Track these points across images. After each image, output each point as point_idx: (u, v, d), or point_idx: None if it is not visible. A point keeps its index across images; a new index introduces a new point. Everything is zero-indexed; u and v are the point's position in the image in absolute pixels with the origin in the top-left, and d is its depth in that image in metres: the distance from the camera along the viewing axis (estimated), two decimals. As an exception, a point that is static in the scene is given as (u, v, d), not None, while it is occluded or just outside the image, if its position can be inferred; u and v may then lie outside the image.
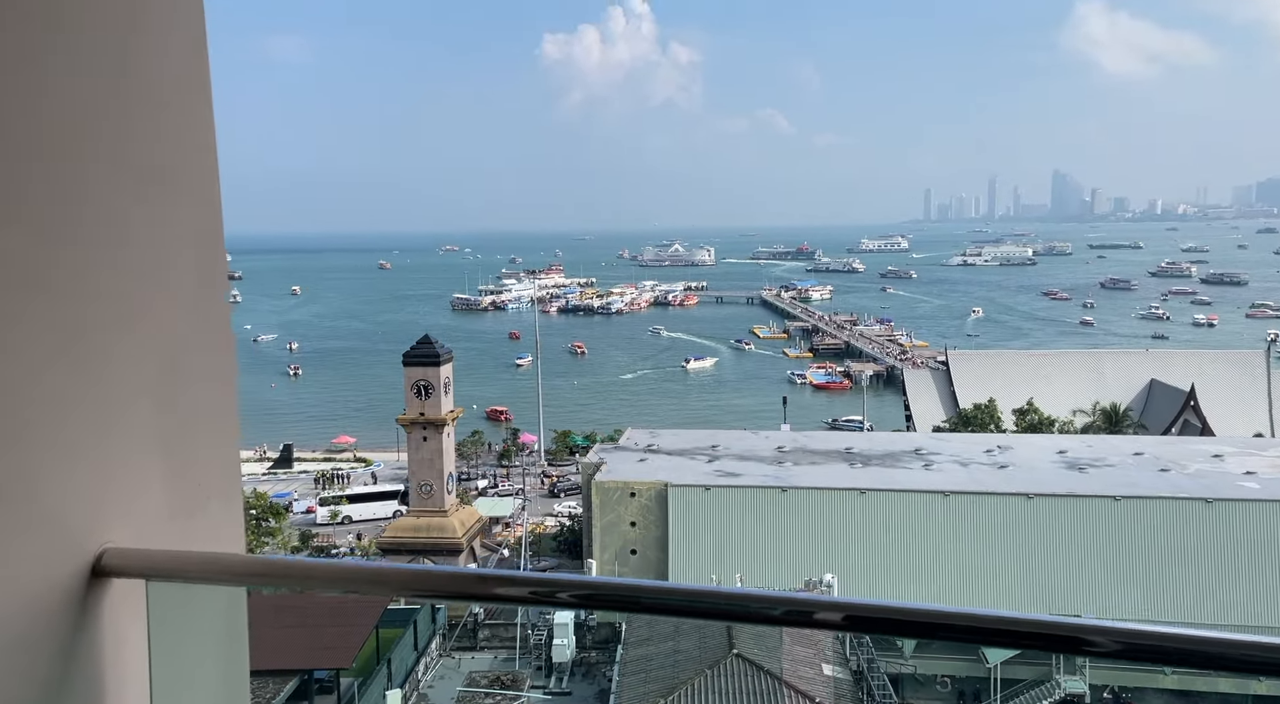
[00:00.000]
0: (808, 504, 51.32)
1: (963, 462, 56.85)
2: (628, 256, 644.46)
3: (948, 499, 49.67)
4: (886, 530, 49.93)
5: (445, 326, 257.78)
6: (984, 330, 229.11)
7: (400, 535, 57.79)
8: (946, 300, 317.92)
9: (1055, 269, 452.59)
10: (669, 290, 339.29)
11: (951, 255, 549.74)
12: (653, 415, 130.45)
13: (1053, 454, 58.35)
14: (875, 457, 58.71)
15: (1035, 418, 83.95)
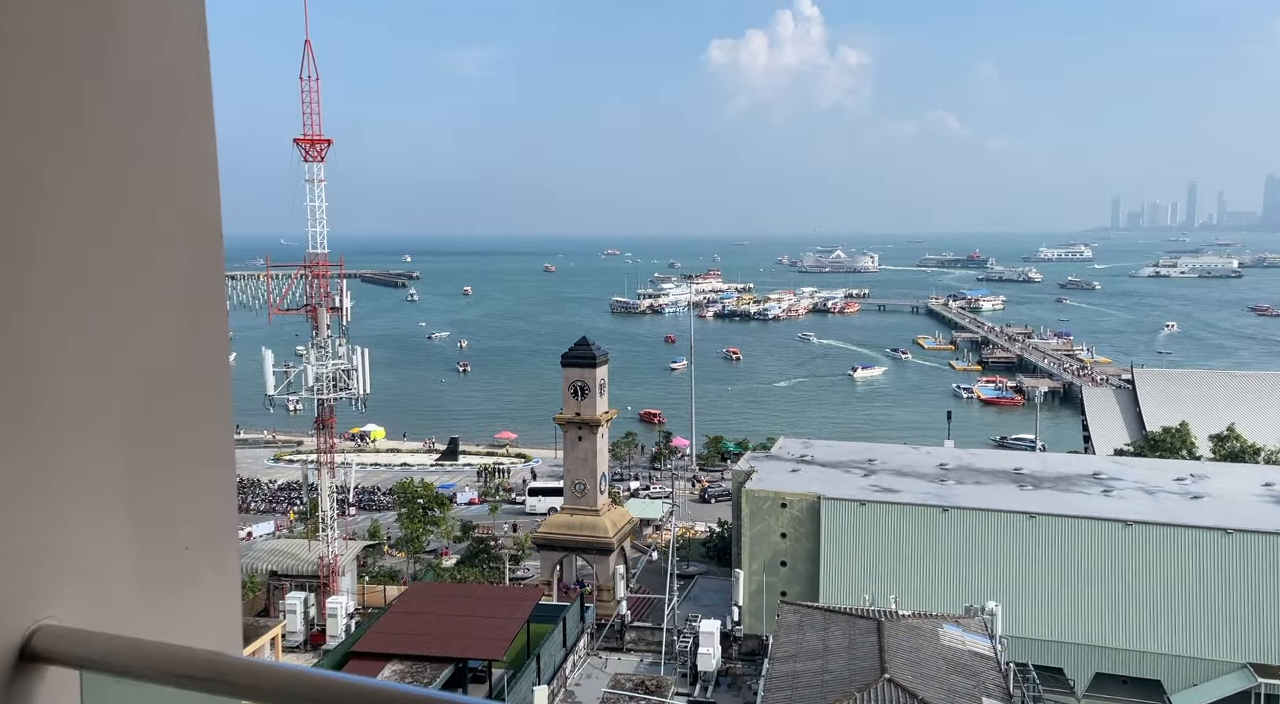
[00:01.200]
0: (971, 526, 48.62)
1: (1149, 489, 52.23)
2: (787, 262, 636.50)
3: (1130, 529, 45.73)
4: (1058, 559, 46.55)
5: (603, 329, 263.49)
6: (1178, 347, 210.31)
7: (554, 532, 59.26)
8: (1134, 314, 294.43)
9: (1266, 282, 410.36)
10: (829, 297, 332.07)
11: (1141, 266, 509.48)
12: (807, 424, 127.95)
13: (1258, 486, 52.60)
14: (1048, 479, 54.93)
15: (1237, 445, 76.07)
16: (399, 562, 69.17)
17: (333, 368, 43.68)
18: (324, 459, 43.88)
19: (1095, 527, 46.56)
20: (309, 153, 41.85)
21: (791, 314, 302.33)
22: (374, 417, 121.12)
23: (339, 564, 45.98)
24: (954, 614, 34.99)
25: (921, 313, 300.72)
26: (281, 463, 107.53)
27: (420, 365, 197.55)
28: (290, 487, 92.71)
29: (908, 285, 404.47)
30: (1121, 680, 44.91)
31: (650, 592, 58.51)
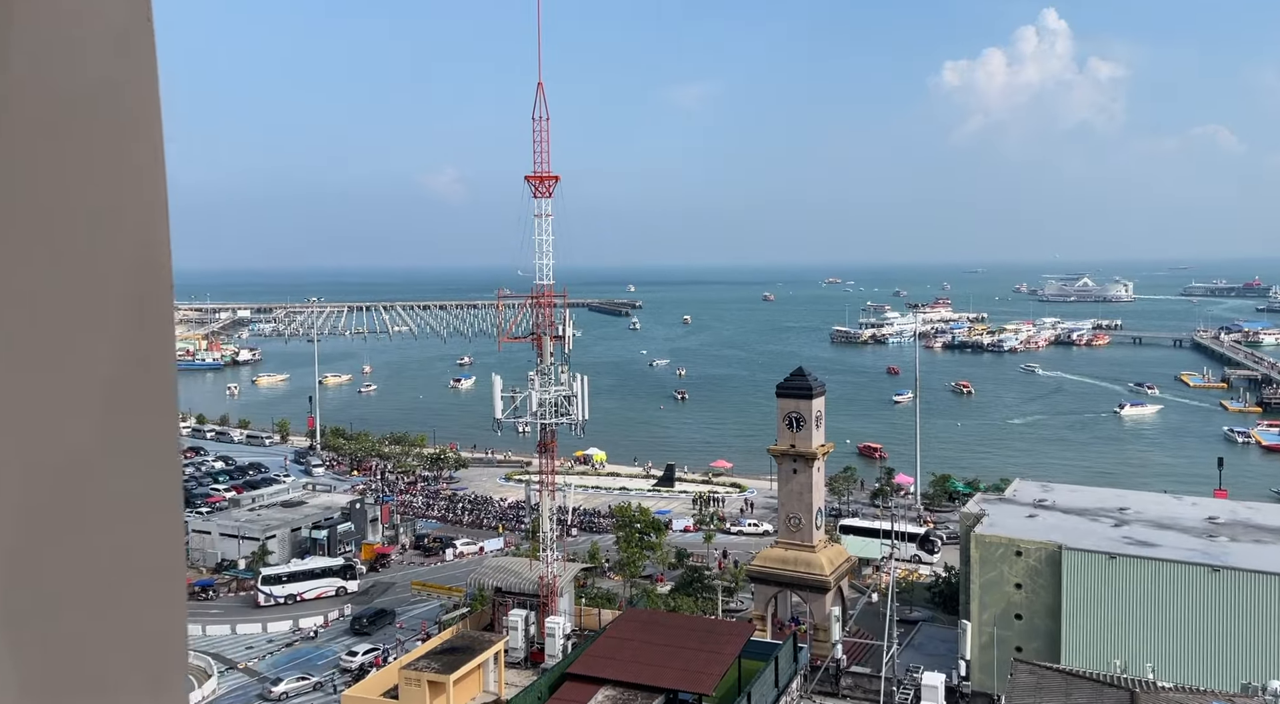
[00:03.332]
0: (1249, 590, 42.31)
1: None
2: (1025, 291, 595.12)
3: None
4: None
5: (823, 359, 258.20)
6: None
7: (768, 566, 58.19)
8: None
9: None
10: (1074, 328, 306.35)
11: None
12: (1047, 466, 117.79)
13: None
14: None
15: None
16: (616, 585, 70.70)
17: (555, 394, 45.63)
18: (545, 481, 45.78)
19: None
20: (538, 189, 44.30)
21: (1030, 346, 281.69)
22: (595, 441, 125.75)
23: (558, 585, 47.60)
24: (1228, 692, 30.44)
25: (1186, 346, 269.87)
26: (511, 482, 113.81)
27: (641, 392, 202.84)
28: (518, 505, 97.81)
29: (1169, 316, 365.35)
30: None
31: (868, 636, 55.87)
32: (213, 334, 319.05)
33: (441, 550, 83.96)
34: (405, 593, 71.96)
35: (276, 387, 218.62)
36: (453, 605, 61.92)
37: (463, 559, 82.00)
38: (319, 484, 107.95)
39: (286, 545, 79.22)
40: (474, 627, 50.77)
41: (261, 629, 64.00)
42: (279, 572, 71.35)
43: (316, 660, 58.16)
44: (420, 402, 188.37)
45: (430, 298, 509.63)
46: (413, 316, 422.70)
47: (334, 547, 78.89)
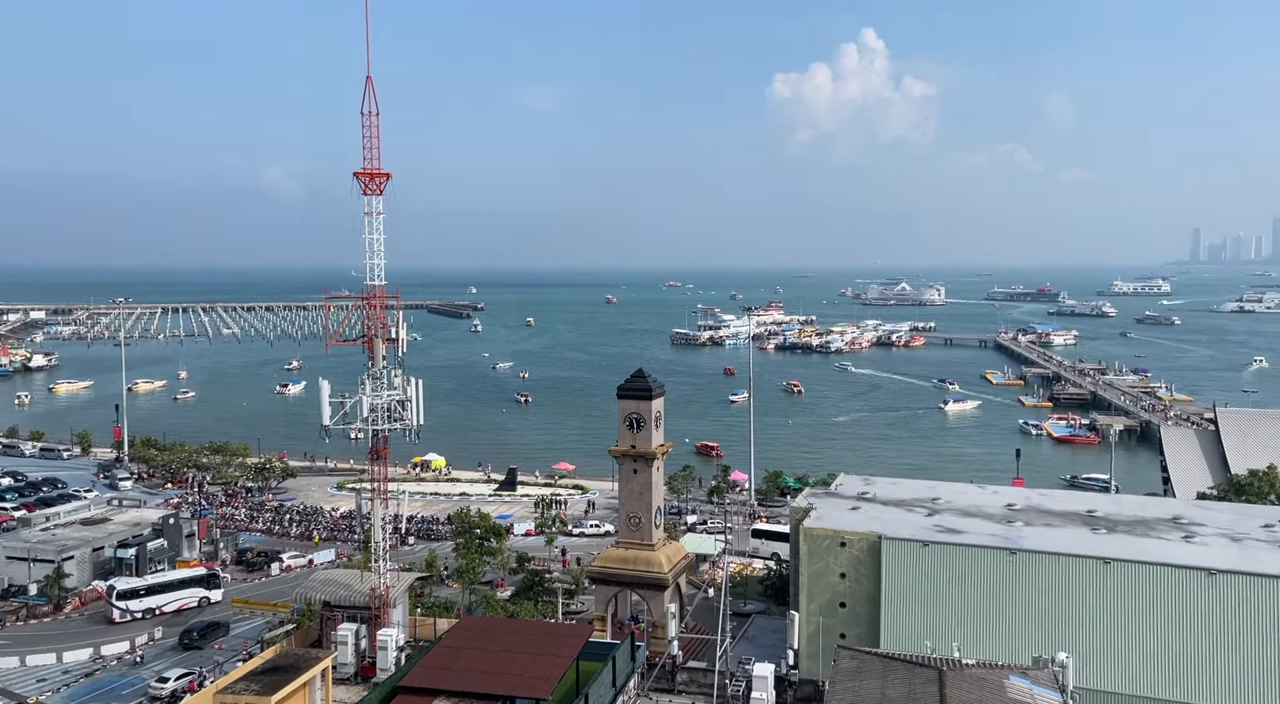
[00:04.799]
0: (1041, 570, 46.41)
1: (1234, 536, 49.26)
2: (850, 295, 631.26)
3: (1214, 578, 43.08)
4: (1135, 608, 44.06)
5: (663, 360, 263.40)
6: (1266, 386, 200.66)
7: (608, 566, 58.54)
8: (1217, 351, 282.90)
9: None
10: (893, 330, 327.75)
11: (1225, 301, 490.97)
12: (870, 460, 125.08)
13: (1354, 536, 49.34)
14: (1123, 522, 52.31)
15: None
16: (454, 593, 69.16)
17: (388, 399, 44.07)
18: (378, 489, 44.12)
19: (1176, 575, 44.01)
20: (368, 186, 42.64)
21: (855, 347, 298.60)
22: (434, 446, 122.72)
23: (391, 596, 45.98)
24: (1021, 665, 33.22)
25: (990, 347, 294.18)
26: (344, 491, 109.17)
27: (483, 395, 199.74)
28: (350, 515, 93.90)
29: (975, 319, 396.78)
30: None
31: (704, 631, 57.30)
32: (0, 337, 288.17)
33: (266, 565, 79.47)
34: (227, 611, 67.63)
35: (77, 394, 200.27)
36: (278, 622, 58.65)
37: (290, 573, 77.97)
38: (126, 499, 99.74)
39: (87, 567, 72.86)
40: (300, 643, 48.25)
41: (56, 659, 58.24)
42: (135, 585, 67.29)
43: (121, 690, 53.51)
44: (244, 409, 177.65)
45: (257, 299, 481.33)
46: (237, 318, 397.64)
47: (143, 566, 73.16)
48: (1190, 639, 42.97)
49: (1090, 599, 44.81)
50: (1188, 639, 43.00)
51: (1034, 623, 45.29)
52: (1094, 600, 44.74)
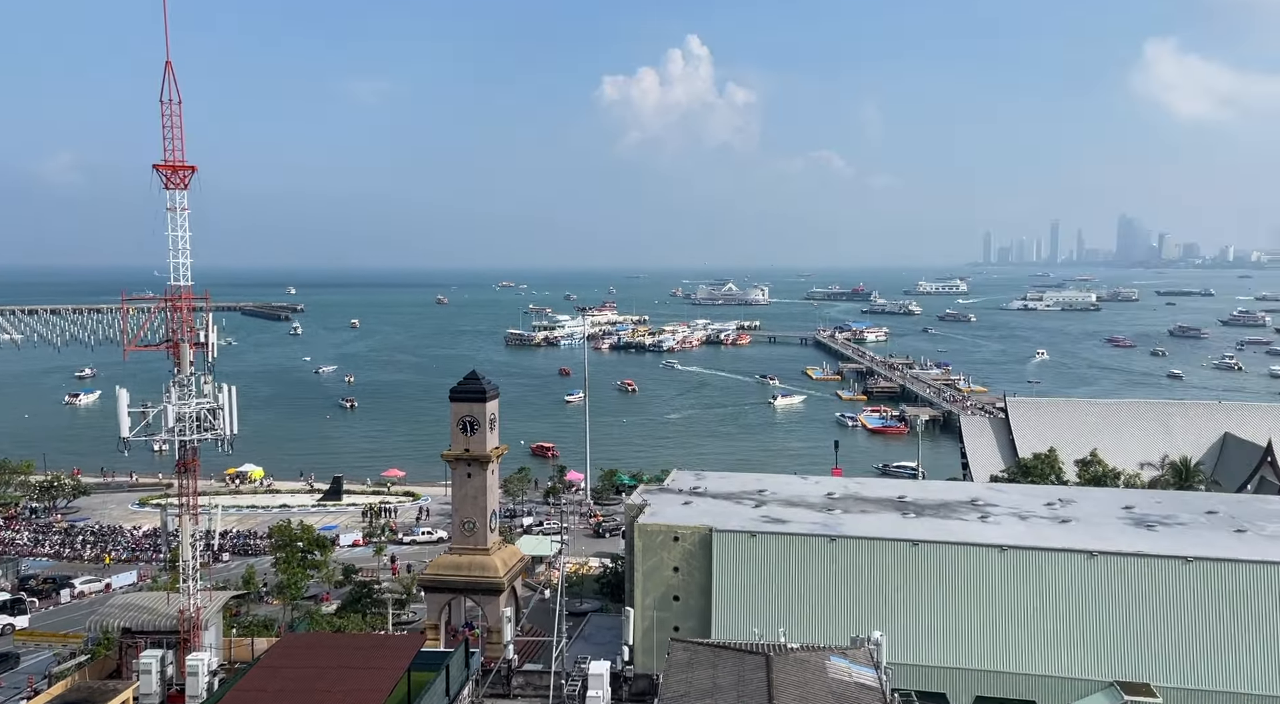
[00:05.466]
0: (857, 555, 49.35)
1: (1021, 514, 54.32)
2: (681, 295, 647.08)
3: (1005, 554, 47.31)
4: (940, 585, 47.66)
5: (497, 362, 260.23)
6: (1046, 377, 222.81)
7: (441, 573, 57.14)
8: (1006, 345, 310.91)
9: (1121, 315, 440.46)
10: (721, 329, 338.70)
11: (1012, 299, 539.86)
12: (701, 456, 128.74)
13: (1118, 509, 55.46)
14: (930, 506, 56.50)
15: (1099, 470, 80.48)
16: (275, 610, 65.43)
17: (196, 407, 40.98)
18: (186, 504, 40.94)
19: (973, 552, 47.96)
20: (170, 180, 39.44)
21: (686, 346, 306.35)
22: (252, 456, 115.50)
23: (202, 617, 42.82)
24: (841, 646, 35.19)
25: (810, 344, 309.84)
26: (148, 508, 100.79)
27: (305, 402, 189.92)
28: (155, 533, 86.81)
29: (797, 318, 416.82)
30: (999, 702, 46.12)
31: (540, 632, 57.06)
32: None
33: (55, 592, 72.15)
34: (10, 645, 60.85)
35: None
36: (69, 654, 53.27)
37: (84, 600, 71.18)
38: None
39: None
40: (96, 676, 44.02)
41: None
42: None
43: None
44: (26, 422, 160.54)
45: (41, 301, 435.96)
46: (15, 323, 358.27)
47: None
48: (986, 610, 46.89)
49: (902, 579, 48.02)
50: (986, 611, 46.90)
51: (853, 604, 48.02)
52: (905, 580, 47.98)
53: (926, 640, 46.93)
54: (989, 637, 46.55)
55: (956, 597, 47.30)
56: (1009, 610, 46.70)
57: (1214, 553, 46.07)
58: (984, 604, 46.97)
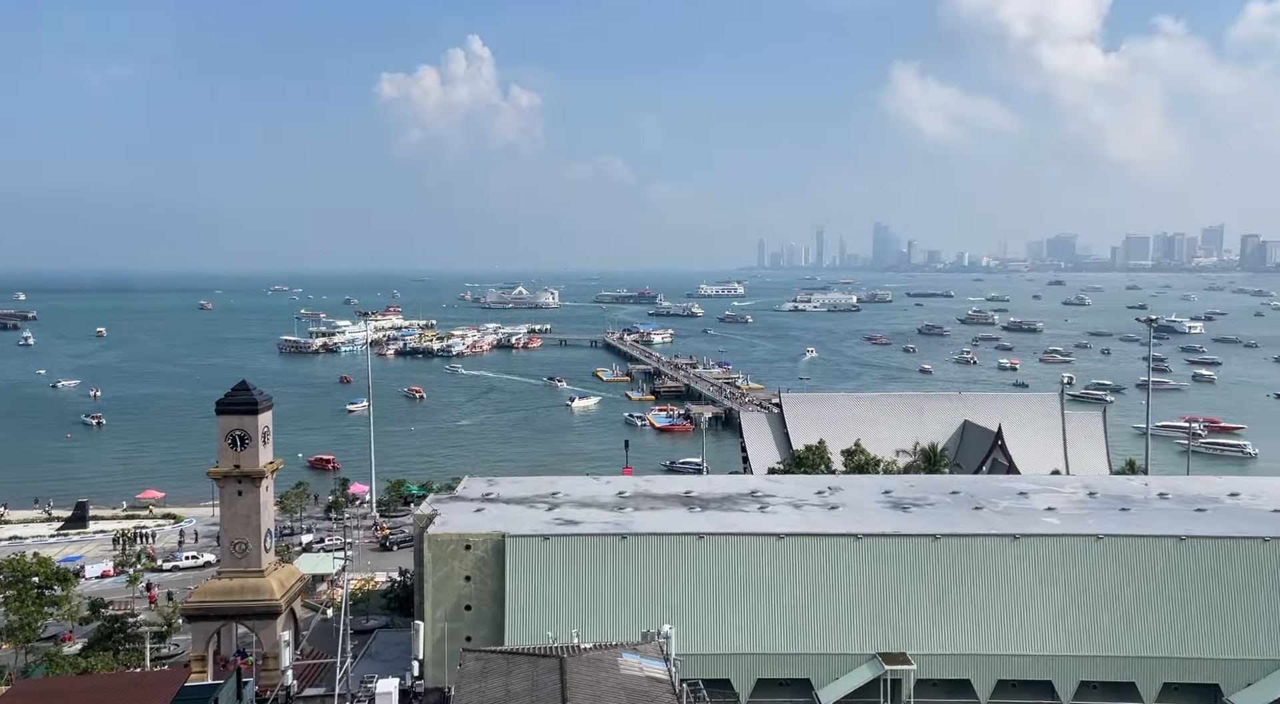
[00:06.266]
0: (648, 551, 50.63)
1: (796, 503, 58.04)
2: (470, 298, 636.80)
3: (782, 541, 50.33)
4: (724, 575, 49.88)
5: (271, 371, 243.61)
6: (815, 373, 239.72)
7: (209, 600, 52.68)
8: (780, 344, 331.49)
9: (878, 315, 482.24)
10: (512, 333, 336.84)
11: (784, 301, 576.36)
12: (494, 461, 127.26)
13: (879, 494, 60.62)
14: (714, 500, 59.02)
15: (862, 459, 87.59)
16: (6, 655, 57.62)
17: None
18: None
19: (754, 542, 50.66)
20: None
21: (476, 350, 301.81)
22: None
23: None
24: (633, 641, 35.94)
25: (600, 347, 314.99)
26: None
27: (41, 420, 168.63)
28: None
29: (587, 321, 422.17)
30: (779, 683, 49.00)
31: (322, 654, 54.01)
32: None
33: None
34: None
35: None
36: None
37: None
38: None
39: None
40: None
41: None
42: None
43: None
44: None
45: None
46: None
47: None
48: (766, 596, 49.61)
49: (690, 572, 49.80)
50: (766, 597, 49.59)
51: (645, 600, 49.19)
52: (693, 573, 49.79)
53: (713, 629, 48.96)
54: (769, 621, 49.25)
55: (740, 585, 49.70)
56: (787, 595, 49.67)
57: (957, 529, 51.45)
58: (764, 590, 49.66)
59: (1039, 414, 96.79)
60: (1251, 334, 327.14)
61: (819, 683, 48.11)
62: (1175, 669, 47.77)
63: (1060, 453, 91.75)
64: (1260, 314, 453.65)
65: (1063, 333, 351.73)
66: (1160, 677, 47.77)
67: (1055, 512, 55.24)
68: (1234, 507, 56.21)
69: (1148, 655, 47.85)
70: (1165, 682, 47.76)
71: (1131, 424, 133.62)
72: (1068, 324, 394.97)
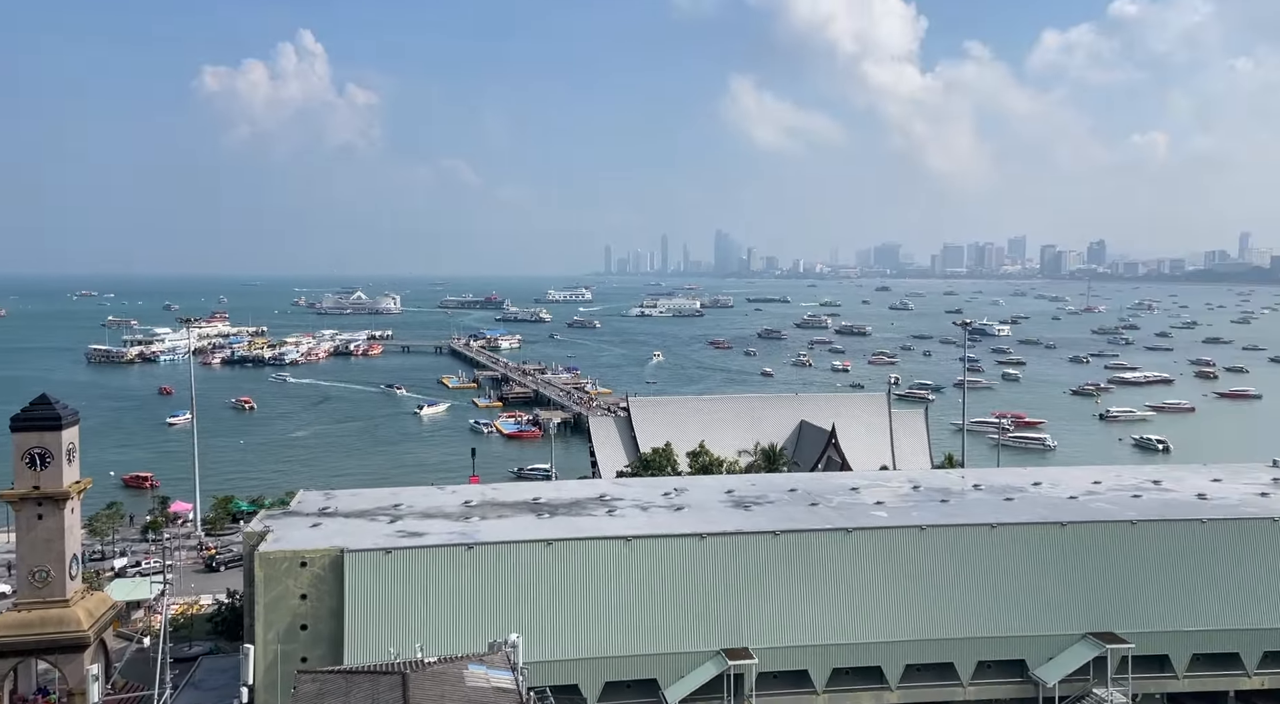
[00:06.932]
0: (495, 560, 49.84)
1: (643, 506, 58.78)
2: (305, 304, 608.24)
3: (630, 544, 50.80)
4: (573, 580, 49.76)
5: (79, 383, 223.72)
6: (662, 377, 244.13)
7: (4, 634, 47.73)
8: (628, 349, 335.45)
9: (720, 320, 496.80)
10: (351, 339, 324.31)
11: (631, 307, 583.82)
12: (333, 474, 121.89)
13: (722, 494, 62.32)
14: (563, 505, 58.88)
15: (707, 460, 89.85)
16: None
17: None
18: None
19: (601, 546, 50.88)
20: None
21: (312, 358, 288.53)
22: None
23: None
24: (479, 653, 35.27)
25: (445, 353, 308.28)
26: None
27: None
28: None
29: (431, 326, 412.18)
30: (626, 685, 49.41)
31: (139, 686, 50.04)
32: None
33: None
34: None
35: None
36: None
37: None
38: None
39: None
40: None
41: None
42: None
43: None
44: None
45: None
46: None
47: None
48: (616, 599, 49.91)
49: (539, 579, 49.42)
50: (615, 600, 49.88)
51: (493, 609, 48.39)
52: (542, 580, 49.44)
53: (562, 636, 48.80)
54: (616, 624, 49.58)
55: (588, 590, 49.78)
56: (635, 597, 50.16)
57: (795, 525, 53.63)
58: (612, 594, 49.96)
59: (868, 413, 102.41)
60: (1051, 336, 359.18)
61: (665, 682, 48.87)
62: (988, 648, 51.60)
63: (888, 449, 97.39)
64: (1057, 318, 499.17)
65: (889, 336, 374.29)
66: (975, 656, 51.48)
67: (884, 505, 58.55)
68: (1036, 495, 61.43)
69: (964, 637, 51.44)
70: (979, 660, 51.49)
71: (950, 421, 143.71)
72: (894, 328, 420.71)
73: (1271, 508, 57.06)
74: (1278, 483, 64.39)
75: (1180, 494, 60.71)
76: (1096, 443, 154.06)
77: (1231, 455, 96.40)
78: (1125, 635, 51.10)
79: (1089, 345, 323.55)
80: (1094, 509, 57.18)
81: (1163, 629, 52.16)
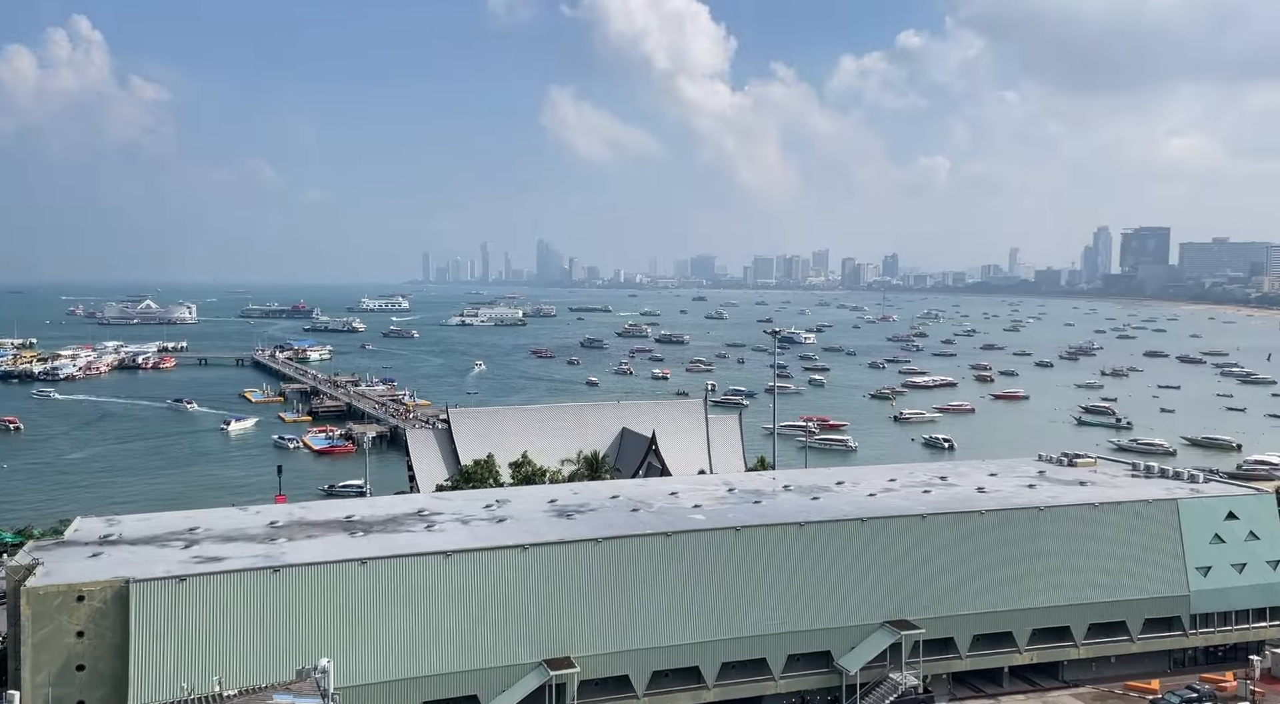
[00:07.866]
0: (304, 583, 47.13)
1: (464, 519, 57.53)
2: (83, 313, 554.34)
3: (449, 559, 49.55)
4: (390, 600, 47.88)
5: None
6: (484, 387, 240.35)
7: None
8: (448, 359, 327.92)
9: (543, 329, 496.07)
10: (139, 352, 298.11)
11: (451, 316, 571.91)
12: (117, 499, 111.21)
13: (545, 503, 62.05)
14: (378, 522, 56.58)
15: (529, 470, 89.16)
16: None
17: None
18: None
19: (419, 562, 49.31)
20: None
21: (92, 372, 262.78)
22: None
23: None
24: (286, 681, 33.27)
25: (248, 365, 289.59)
26: None
27: None
28: None
29: (231, 337, 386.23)
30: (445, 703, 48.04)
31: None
32: None
33: None
34: None
35: None
36: None
37: None
38: None
39: None
40: None
41: None
42: None
43: None
44: None
45: None
46: None
47: None
48: (437, 616, 48.52)
49: (353, 600, 47.24)
50: (435, 617, 48.46)
51: (303, 634, 45.81)
52: (356, 600, 47.29)
53: (379, 657, 46.91)
54: (437, 641, 48.25)
55: (406, 608, 48.16)
56: (454, 613, 48.99)
57: (617, 532, 54.30)
58: (432, 611, 48.58)
59: (686, 419, 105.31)
60: (851, 344, 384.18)
61: (486, 698, 48.05)
62: (797, 641, 54.27)
63: (705, 454, 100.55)
64: (858, 327, 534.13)
65: (706, 344, 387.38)
66: (785, 650, 54.01)
67: (701, 508, 60.36)
68: (839, 493, 65.42)
69: (775, 632, 53.85)
70: (790, 654, 54.06)
71: (761, 424, 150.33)
72: (710, 336, 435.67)
73: (1036, 498, 63.62)
74: (1042, 475, 71.83)
75: (963, 489, 66.48)
76: (892, 443, 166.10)
77: (1004, 451, 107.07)
78: (917, 621, 55.26)
79: (885, 352, 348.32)
80: (889, 505, 61.59)
81: (948, 614, 56.83)
